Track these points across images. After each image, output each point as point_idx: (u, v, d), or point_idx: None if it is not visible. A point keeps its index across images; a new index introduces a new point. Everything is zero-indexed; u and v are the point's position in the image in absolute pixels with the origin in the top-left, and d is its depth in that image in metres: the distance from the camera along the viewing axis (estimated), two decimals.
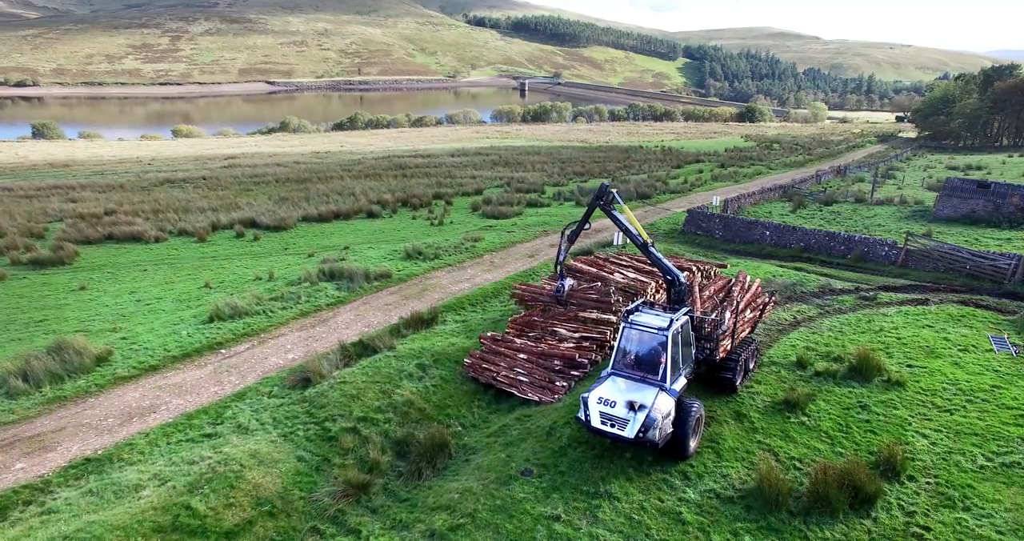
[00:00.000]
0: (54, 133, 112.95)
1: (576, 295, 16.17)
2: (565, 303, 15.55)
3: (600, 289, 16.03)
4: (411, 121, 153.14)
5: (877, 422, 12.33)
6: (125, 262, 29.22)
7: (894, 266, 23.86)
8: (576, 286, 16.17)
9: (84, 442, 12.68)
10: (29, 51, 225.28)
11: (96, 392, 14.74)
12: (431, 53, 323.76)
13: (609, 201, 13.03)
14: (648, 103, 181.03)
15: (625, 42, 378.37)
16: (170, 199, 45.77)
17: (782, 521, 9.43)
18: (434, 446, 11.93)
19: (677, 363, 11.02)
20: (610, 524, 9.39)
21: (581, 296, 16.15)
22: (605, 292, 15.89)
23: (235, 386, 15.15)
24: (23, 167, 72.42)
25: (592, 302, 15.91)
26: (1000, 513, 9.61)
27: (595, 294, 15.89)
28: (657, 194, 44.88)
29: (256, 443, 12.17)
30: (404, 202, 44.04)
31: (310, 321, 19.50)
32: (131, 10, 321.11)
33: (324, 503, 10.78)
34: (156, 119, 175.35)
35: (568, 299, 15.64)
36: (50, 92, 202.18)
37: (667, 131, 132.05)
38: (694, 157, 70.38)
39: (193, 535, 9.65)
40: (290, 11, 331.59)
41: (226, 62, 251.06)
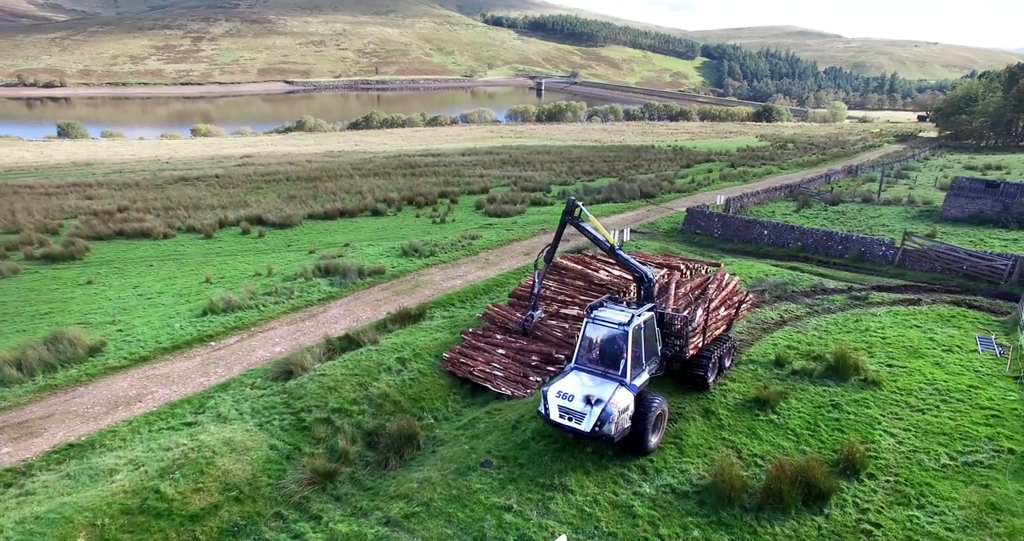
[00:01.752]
0: (78, 132, 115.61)
1: (542, 328, 15.82)
2: (530, 333, 15.51)
3: (566, 330, 15.43)
4: (426, 120, 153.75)
5: (847, 421, 12.29)
6: (133, 258, 29.92)
7: (891, 266, 23.57)
8: (544, 319, 15.91)
9: (69, 429, 13.14)
10: (57, 53, 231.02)
11: (86, 381, 15.23)
12: (448, 53, 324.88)
13: (577, 215, 13.13)
14: (664, 103, 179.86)
15: (643, 41, 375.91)
16: (182, 196, 46.67)
17: (734, 516, 9.48)
18: (402, 437, 12.17)
19: (639, 359, 11.11)
20: (561, 515, 9.52)
21: (547, 331, 15.73)
22: (569, 333, 15.46)
23: (220, 377, 15.54)
24: (47, 166, 74.24)
25: (555, 339, 15.48)
26: (953, 511, 9.56)
27: (559, 333, 15.52)
28: (662, 193, 44.69)
29: (232, 432, 12.51)
30: (410, 200, 44.39)
31: (300, 316, 19.88)
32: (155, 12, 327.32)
33: (290, 490, 11.07)
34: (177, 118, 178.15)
35: (534, 330, 15.57)
36: (76, 92, 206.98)
37: (682, 131, 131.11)
38: (705, 157, 69.88)
39: (159, 518, 9.99)
40: (309, 11, 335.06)
41: (246, 62, 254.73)
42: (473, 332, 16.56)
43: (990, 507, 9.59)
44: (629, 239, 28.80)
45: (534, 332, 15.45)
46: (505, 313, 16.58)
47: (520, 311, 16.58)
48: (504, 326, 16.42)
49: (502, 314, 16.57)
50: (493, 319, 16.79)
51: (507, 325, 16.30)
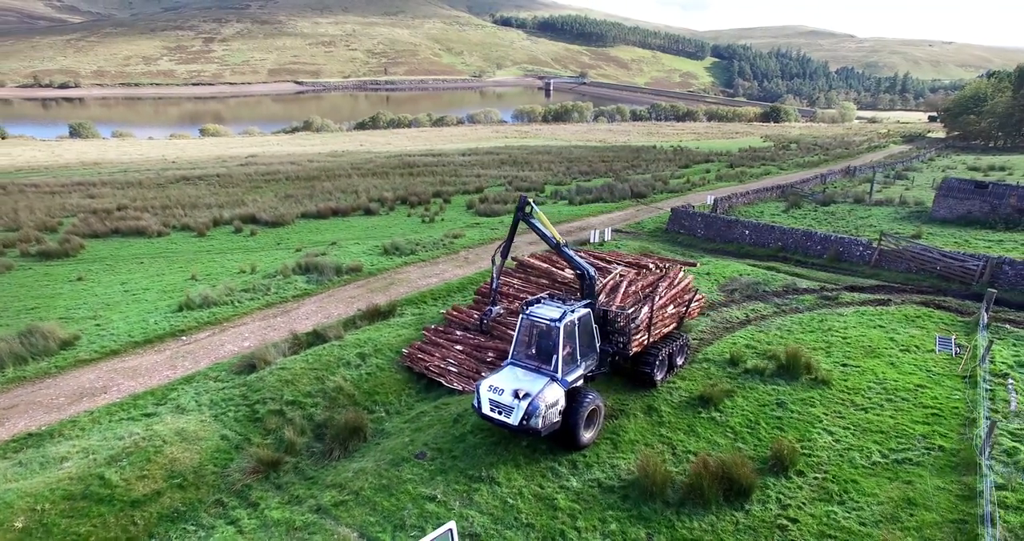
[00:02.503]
0: (89, 132, 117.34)
1: (499, 327, 15.58)
2: (487, 329, 15.33)
3: None
4: (432, 121, 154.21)
5: (788, 419, 12.39)
6: (125, 255, 30.44)
7: (868, 266, 23.52)
8: (503, 315, 15.75)
9: (31, 418, 13.55)
10: (72, 54, 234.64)
11: (55, 373, 15.67)
12: (457, 53, 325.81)
13: (528, 212, 13.31)
14: (671, 103, 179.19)
15: (652, 41, 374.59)
16: (182, 195, 47.31)
17: (654, 511, 9.65)
18: (348, 429, 12.44)
19: (574, 355, 11.29)
20: (483, 506, 9.74)
21: (504, 330, 15.48)
22: None
23: (187, 370, 15.92)
24: (56, 165, 75.41)
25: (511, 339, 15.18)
26: (871, 506, 9.66)
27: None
28: (654, 193, 44.71)
29: (186, 422, 12.85)
30: (403, 200, 44.72)
31: (273, 312, 20.24)
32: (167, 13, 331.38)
33: (234, 478, 11.38)
34: (189, 118, 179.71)
35: (492, 328, 15.42)
36: (90, 93, 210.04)
37: (688, 131, 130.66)
38: (704, 157, 69.71)
39: (100, 503, 10.34)
40: (319, 12, 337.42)
41: (256, 63, 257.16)
42: (434, 329, 16.82)
43: (907, 502, 9.68)
44: (610, 238, 28.93)
45: (491, 330, 15.62)
46: (463, 316, 16.81)
47: (482, 309, 16.80)
48: (464, 325, 16.65)
49: (460, 316, 16.81)
50: (451, 322, 17.04)
51: (467, 324, 16.53)
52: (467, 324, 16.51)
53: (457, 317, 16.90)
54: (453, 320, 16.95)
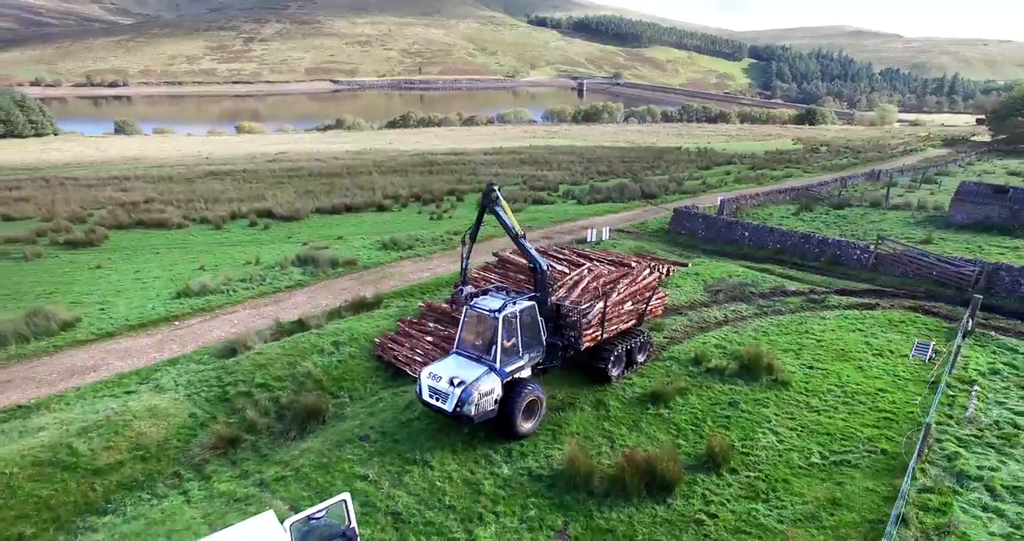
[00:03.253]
0: (133, 129, 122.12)
1: None
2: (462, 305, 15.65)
3: None
4: (462, 120, 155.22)
5: (736, 418, 12.41)
6: (145, 245, 31.84)
7: (864, 270, 23.06)
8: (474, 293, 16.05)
9: (23, 392, 14.52)
10: (122, 54, 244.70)
11: (52, 352, 16.70)
12: (491, 53, 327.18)
13: (493, 199, 13.61)
14: (704, 104, 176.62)
15: (688, 42, 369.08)
16: (206, 190, 49.04)
17: (576, 500, 9.87)
18: (307, 412, 12.98)
19: (515, 346, 11.56)
20: (412, 487, 10.13)
21: None
22: None
23: (173, 353, 16.76)
24: (98, 160, 78.81)
25: None
26: (795, 506, 9.68)
27: None
28: (667, 194, 44.41)
29: (159, 400, 13.60)
30: (417, 197, 45.48)
31: (265, 301, 21.04)
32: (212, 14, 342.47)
33: (193, 453, 12.04)
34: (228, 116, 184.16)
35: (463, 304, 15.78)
36: (138, 91, 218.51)
37: (719, 133, 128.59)
38: (727, 159, 68.71)
39: (64, 470, 11.10)
40: (356, 12, 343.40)
41: (294, 61, 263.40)
42: (409, 320, 17.28)
43: (831, 503, 9.66)
44: (608, 238, 28.98)
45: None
46: (438, 309, 17.23)
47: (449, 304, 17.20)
48: (437, 317, 17.07)
49: (434, 310, 17.24)
50: (430, 309, 17.49)
51: (440, 316, 16.94)
52: (440, 316, 16.92)
53: (430, 311, 17.33)
54: (427, 312, 17.39)
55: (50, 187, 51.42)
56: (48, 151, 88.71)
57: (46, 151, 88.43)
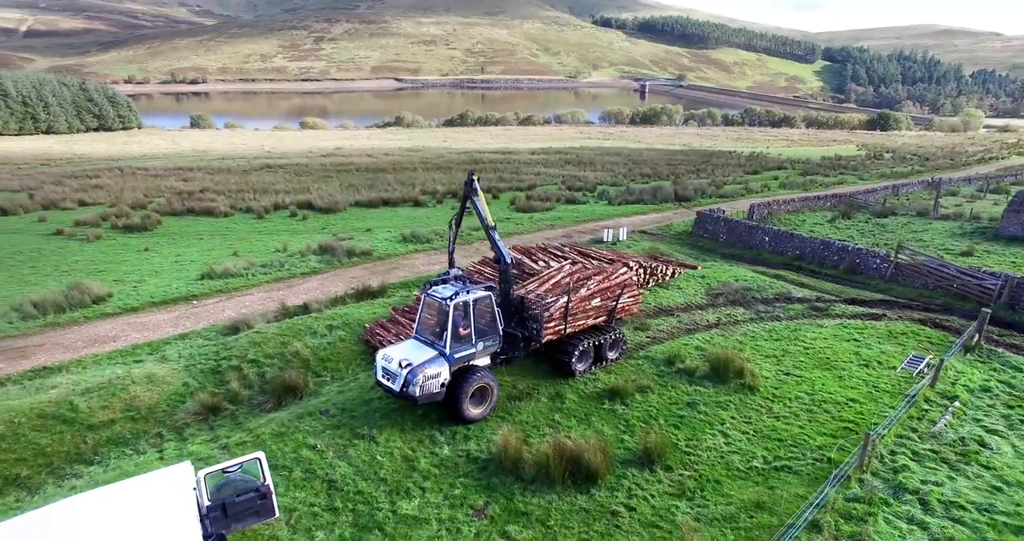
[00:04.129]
0: (206, 124, 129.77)
1: None
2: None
3: None
4: (519, 120, 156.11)
5: (690, 418, 12.41)
6: (191, 231, 34.17)
7: (882, 280, 22.09)
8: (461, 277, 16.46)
9: (50, 356, 16.19)
10: (203, 53, 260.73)
11: (82, 322, 18.45)
12: (554, 53, 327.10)
13: (473, 188, 14.12)
14: (768, 108, 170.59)
15: (758, 44, 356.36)
16: (258, 182, 51.83)
17: (503, 483, 10.24)
18: (285, 387, 13.90)
19: (469, 334, 12.01)
20: (352, 459, 10.78)
21: None
22: None
23: (185, 329, 18.18)
24: (171, 152, 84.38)
25: None
26: (718, 506, 9.69)
27: None
28: (703, 198, 43.59)
29: (159, 369, 14.88)
30: (454, 194, 46.45)
31: (279, 286, 22.34)
32: (286, 14, 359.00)
33: (178, 417, 13.16)
34: (297, 112, 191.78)
35: None
36: (215, 88, 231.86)
37: (781, 137, 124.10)
38: (778, 164, 66.41)
39: (63, 423, 12.42)
40: (422, 12, 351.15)
41: (360, 60, 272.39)
42: (401, 309, 18.02)
43: (755, 505, 9.61)
44: (625, 238, 28.89)
45: None
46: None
47: None
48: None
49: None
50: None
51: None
52: None
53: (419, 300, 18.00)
54: (419, 301, 18.06)
55: (123, 176, 55.68)
56: (130, 143, 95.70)
57: (129, 144, 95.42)
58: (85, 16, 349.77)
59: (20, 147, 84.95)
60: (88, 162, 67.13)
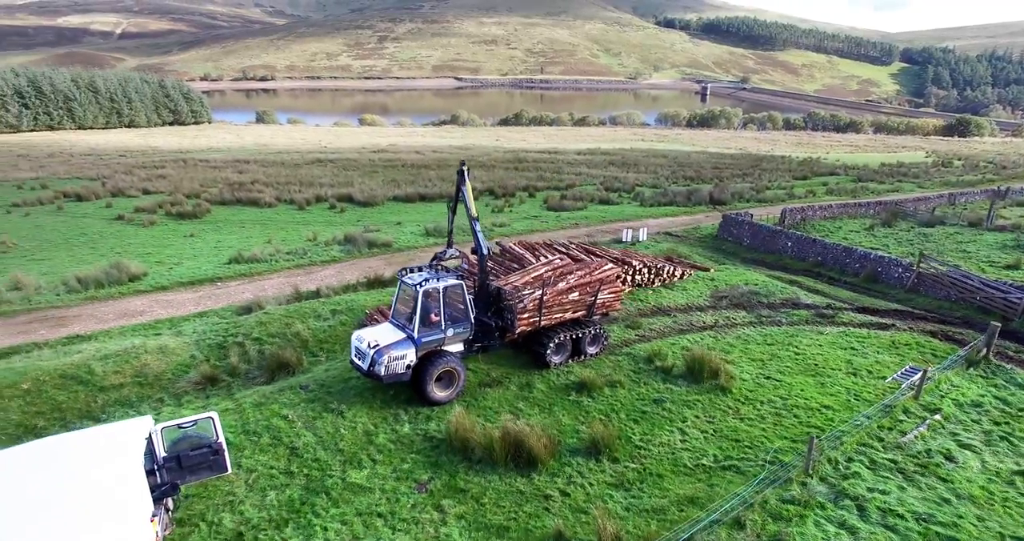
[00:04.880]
0: (270, 119, 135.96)
1: None
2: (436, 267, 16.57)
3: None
4: (573, 120, 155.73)
5: (652, 415, 12.52)
6: (236, 220, 36.26)
7: (902, 290, 21.20)
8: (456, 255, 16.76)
9: (84, 326, 17.85)
10: (273, 51, 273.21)
11: (116, 297, 20.17)
12: (615, 54, 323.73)
13: (463, 179, 14.66)
14: (833, 112, 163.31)
15: (829, 45, 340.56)
16: (307, 175, 54.15)
17: (449, 462, 10.73)
18: (278, 363, 14.87)
19: (439, 321, 12.54)
20: (318, 430, 11.53)
21: None
22: None
23: (205, 308, 19.60)
24: (235, 146, 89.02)
25: None
26: (652, 498, 9.83)
27: None
28: (739, 202, 42.61)
29: (173, 341, 16.19)
30: (490, 191, 47.25)
31: (299, 272, 23.60)
32: (353, 14, 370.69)
33: (180, 385, 14.35)
34: (359, 109, 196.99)
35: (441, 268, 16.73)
36: (282, 85, 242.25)
37: (844, 143, 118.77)
38: (831, 170, 63.79)
39: (79, 383, 13.80)
40: (484, 12, 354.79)
41: (422, 59, 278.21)
42: None
43: (688, 500, 9.69)
44: (645, 239, 28.76)
45: None
46: None
47: None
48: None
49: None
50: None
51: None
52: None
53: None
54: None
55: (185, 167, 59.37)
56: (199, 137, 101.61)
57: (198, 137, 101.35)
58: (171, 18, 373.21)
59: (105, 139, 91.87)
60: (159, 154, 71.81)
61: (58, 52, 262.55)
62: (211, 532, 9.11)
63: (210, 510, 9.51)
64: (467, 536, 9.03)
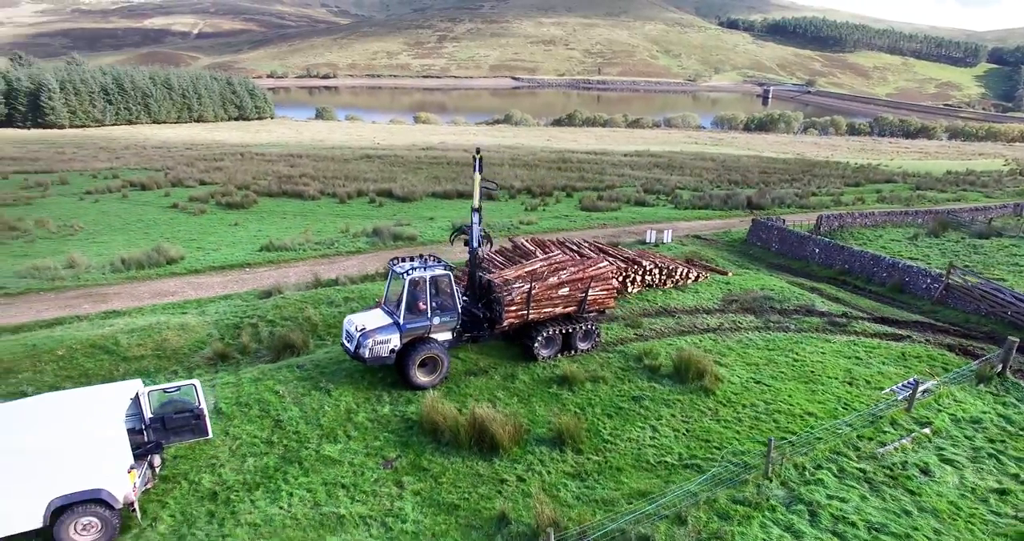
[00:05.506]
0: (329, 115, 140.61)
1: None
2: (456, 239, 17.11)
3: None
4: (627, 122, 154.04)
5: (628, 411, 12.64)
6: (279, 211, 38.06)
7: (929, 301, 20.26)
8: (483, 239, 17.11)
9: (121, 303, 19.40)
10: (336, 50, 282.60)
11: (153, 278, 21.76)
12: (675, 55, 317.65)
13: (478, 167, 15.22)
14: (903, 117, 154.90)
15: (905, 46, 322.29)
16: (353, 170, 56.03)
17: (419, 443, 11.23)
18: (284, 344, 15.79)
19: (425, 309, 13.06)
20: (304, 406, 12.27)
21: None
22: None
23: (231, 291, 20.89)
24: (292, 141, 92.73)
25: None
26: (605, 489, 10.02)
27: None
28: (780, 207, 41.38)
29: (194, 320, 17.41)
30: (528, 190, 47.67)
31: (324, 261, 24.71)
32: (414, 14, 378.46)
33: (194, 360, 15.47)
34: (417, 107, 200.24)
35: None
36: (344, 83, 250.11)
37: (913, 149, 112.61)
38: (887, 177, 60.80)
39: (105, 353, 15.11)
40: (544, 12, 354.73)
41: (480, 59, 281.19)
42: None
43: (639, 494, 9.80)
44: (669, 240, 28.51)
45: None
46: None
47: None
48: None
49: None
50: None
51: None
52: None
53: None
54: None
55: (242, 160, 62.42)
56: (261, 132, 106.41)
57: (260, 132, 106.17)
58: (243, 18, 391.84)
59: (175, 133, 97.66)
60: (221, 148, 75.74)
61: (141, 52, 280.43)
62: (190, 490, 9.94)
63: (193, 470, 10.36)
64: (419, 511, 9.51)
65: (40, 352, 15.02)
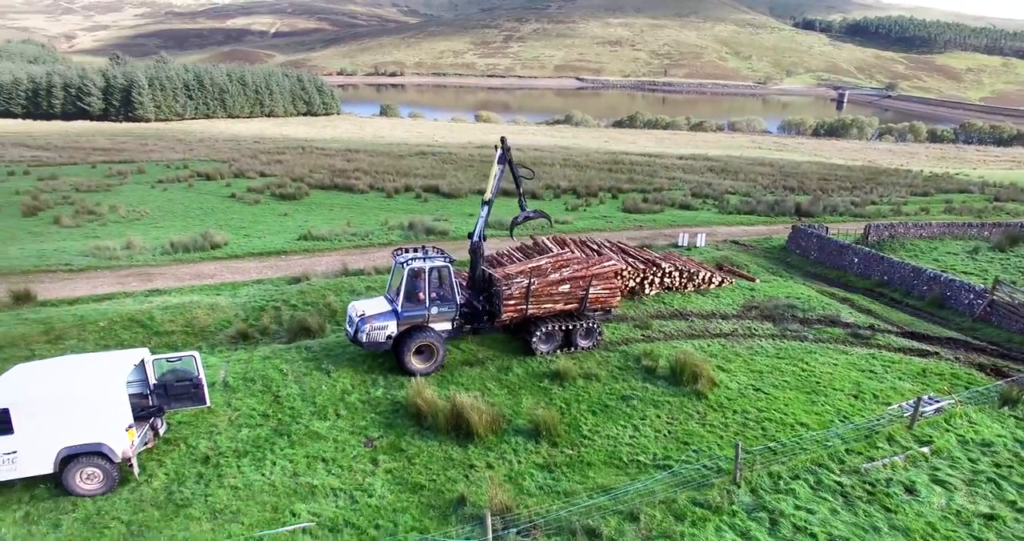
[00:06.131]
0: (392, 112, 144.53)
1: None
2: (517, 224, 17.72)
3: None
4: (690, 124, 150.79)
5: (614, 409, 12.68)
6: (327, 203, 39.73)
7: (969, 318, 19.06)
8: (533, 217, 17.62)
9: (164, 281, 20.97)
10: (404, 49, 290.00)
11: (196, 261, 23.33)
12: (745, 57, 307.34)
13: (501, 156, 15.67)
14: (995, 123, 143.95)
15: (1006, 45, 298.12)
16: (405, 166, 57.62)
17: (401, 425, 11.73)
18: (301, 327, 16.68)
19: (424, 299, 13.53)
20: (304, 384, 13.00)
21: None
22: None
23: (265, 276, 22.14)
24: (354, 137, 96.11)
25: None
26: (569, 482, 10.19)
27: None
28: (833, 215, 39.64)
29: (223, 301, 18.63)
30: (573, 190, 47.73)
31: (356, 251, 25.72)
32: (482, 13, 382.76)
33: (218, 338, 16.59)
34: (480, 105, 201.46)
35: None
36: (410, 81, 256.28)
37: (1004, 158, 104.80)
38: (960, 187, 56.92)
39: (140, 326, 16.45)
40: (611, 13, 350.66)
41: (545, 59, 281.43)
42: None
43: (602, 490, 9.88)
44: (702, 244, 27.96)
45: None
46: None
47: None
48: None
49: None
50: None
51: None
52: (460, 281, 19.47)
53: None
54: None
55: (303, 154, 65.32)
56: (326, 127, 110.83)
57: (325, 127, 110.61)
58: (317, 18, 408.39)
59: (246, 128, 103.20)
60: (287, 142, 79.43)
61: (223, 50, 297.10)
62: (187, 452, 10.81)
63: (192, 435, 11.25)
64: (387, 488, 9.98)
65: (86, 322, 16.52)
